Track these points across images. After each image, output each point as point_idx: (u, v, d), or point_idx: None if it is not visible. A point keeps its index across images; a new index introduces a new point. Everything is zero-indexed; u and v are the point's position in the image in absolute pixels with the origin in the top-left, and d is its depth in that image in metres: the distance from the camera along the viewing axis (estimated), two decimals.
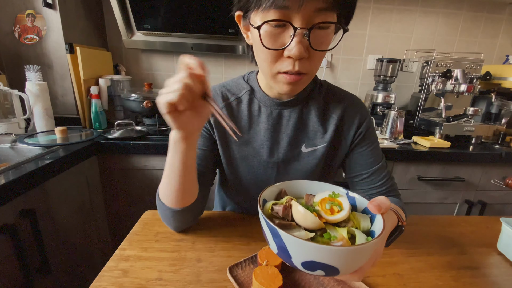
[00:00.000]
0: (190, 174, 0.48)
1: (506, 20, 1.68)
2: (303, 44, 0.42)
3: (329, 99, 0.61)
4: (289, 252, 0.30)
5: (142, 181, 1.18)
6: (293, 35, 0.41)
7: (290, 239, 0.29)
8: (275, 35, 0.43)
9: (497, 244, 0.58)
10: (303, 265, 0.30)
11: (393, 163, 1.22)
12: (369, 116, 0.62)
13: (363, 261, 0.32)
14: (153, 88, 1.36)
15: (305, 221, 0.33)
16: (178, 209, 0.51)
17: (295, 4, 0.39)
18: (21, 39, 1.21)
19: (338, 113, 0.60)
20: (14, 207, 0.74)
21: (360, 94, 1.78)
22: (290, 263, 0.32)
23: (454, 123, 1.32)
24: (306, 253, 0.29)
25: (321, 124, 0.60)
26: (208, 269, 0.47)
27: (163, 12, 1.33)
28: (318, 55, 0.46)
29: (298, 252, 0.29)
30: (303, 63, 0.45)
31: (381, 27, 1.65)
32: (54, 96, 1.28)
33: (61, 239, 0.93)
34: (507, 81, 1.40)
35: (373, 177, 0.60)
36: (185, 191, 0.50)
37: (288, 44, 0.43)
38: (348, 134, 0.60)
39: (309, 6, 0.39)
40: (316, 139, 0.60)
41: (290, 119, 0.59)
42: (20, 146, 1.00)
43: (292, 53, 0.42)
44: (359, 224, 0.36)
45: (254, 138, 0.61)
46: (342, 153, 0.63)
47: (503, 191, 1.32)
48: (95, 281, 0.43)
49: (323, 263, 0.29)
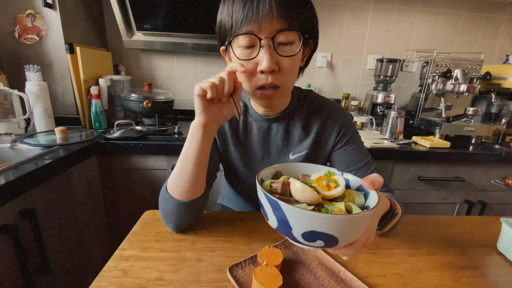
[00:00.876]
0: (203, 165, 0.53)
1: (506, 20, 1.68)
2: (271, 56, 0.49)
3: (311, 110, 0.67)
4: (289, 224, 0.31)
5: (142, 181, 1.18)
6: (260, 45, 0.49)
7: (291, 210, 0.30)
8: (248, 54, 0.51)
9: (497, 244, 0.58)
10: (304, 236, 0.31)
11: (393, 163, 1.22)
12: (349, 120, 0.67)
13: (360, 231, 0.34)
14: (153, 88, 1.36)
15: (304, 196, 0.34)
16: (184, 202, 0.52)
17: (256, 28, 0.47)
18: (21, 39, 1.21)
19: (318, 122, 0.66)
20: (14, 207, 0.74)
21: (360, 94, 1.78)
22: (290, 235, 0.33)
23: (454, 123, 1.32)
24: (307, 223, 0.30)
25: (304, 133, 0.67)
26: (208, 269, 0.47)
27: (163, 12, 1.33)
28: (289, 66, 0.52)
29: (299, 223, 0.30)
30: (275, 76, 0.51)
31: (381, 27, 1.65)
32: (54, 96, 1.28)
33: (61, 239, 0.93)
34: (507, 81, 1.40)
35: (361, 173, 0.65)
36: (196, 182, 0.53)
37: (257, 54, 0.50)
38: (329, 139, 0.67)
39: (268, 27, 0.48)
40: (301, 147, 0.67)
41: (278, 131, 0.66)
42: (20, 146, 1.00)
43: (263, 65, 0.49)
44: (354, 200, 0.37)
45: (249, 148, 0.69)
46: (324, 155, 0.69)
47: (503, 191, 1.32)
48: (95, 281, 0.43)
49: (324, 232, 0.30)
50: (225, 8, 0.51)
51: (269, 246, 0.49)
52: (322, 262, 0.49)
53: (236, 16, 0.48)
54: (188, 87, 1.69)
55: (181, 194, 0.53)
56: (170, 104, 1.38)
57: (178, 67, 1.64)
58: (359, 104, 1.70)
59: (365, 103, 1.64)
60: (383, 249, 0.55)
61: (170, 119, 1.49)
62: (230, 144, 0.68)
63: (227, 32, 0.51)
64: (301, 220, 0.30)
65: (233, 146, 0.68)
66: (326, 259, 0.49)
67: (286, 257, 0.50)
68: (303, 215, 0.29)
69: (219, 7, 0.53)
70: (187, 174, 0.51)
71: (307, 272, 0.47)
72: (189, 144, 0.51)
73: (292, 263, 0.49)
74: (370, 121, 1.46)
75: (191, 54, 1.61)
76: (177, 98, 1.61)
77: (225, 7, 0.51)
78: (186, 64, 1.64)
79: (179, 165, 0.52)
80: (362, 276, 0.47)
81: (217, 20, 0.54)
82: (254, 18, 0.47)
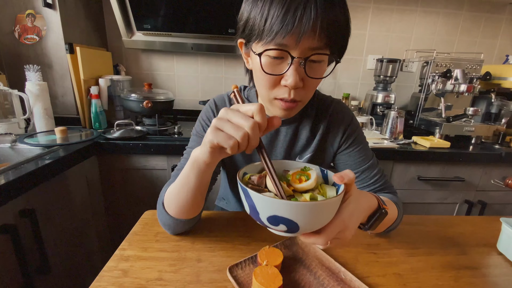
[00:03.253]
0: (202, 191, 0.49)
1: (506, 20, 1.68)
2: (299, 74, 0.46)
3: (318, 111, 0.65)
4: (257, 209, 0.35)
5: (142, 181, 1.18)
6: (290, 63, 0.45)
7: (257, 197, 0.34)
8: (274, 65, 0.47)
9: (497, 244, 0.58)
10: (268, 220, 0.35)
11: (393, 163, 1.22)
12: (354, 120, 0.65)
13: (322, 220, 0.36)
14: (153, 88, 1.36)
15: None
16: (182, 220, 0.52)
17: (293, 43, 0.43)
18: (21, 39, 1.21)
19: (324, 122, 0.64)
20: (14, 207, 0.74)
21: (360, 94, 1.78)
22: (258, 220, 0.37)
23: (454, 123, 1.32)
24: (270, 209, 0.34)
25: (312, 136, 0.64)
26: (208, 269, 0.47)
27: (163, 12, 1.33)
28: (312, 84, 0.50)
29: (263, 208, 0.34)
30: (298, 92, 0.49)
31: (381, 27, 1.65)
32: (54, 96, 1.28)
33: (61, 239, 0.93)
34: (507, 81, 1.40)
35: (365, 175, 0.63)
36: (194, 205, 0.50)
37: (286, 71, 0.46)
38: (334, 140, 0.65)
39: (305, 44, 0.43)
40: (307, 150, 0.65)
41: (287, 135, 0.64)
42: (20, 146, 1.00)
43: (289, 82, 0.46)
44: (326, 193, 0.39)
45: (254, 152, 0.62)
46: (329, 157, 0.67)
47: (503, 191, 1.32)
48: (95, 281, 0.43)
49: (284, 217, 0.34)
50: (259, 4, 0.44)
51: (269, 246, 0.49)
52: (322, 262, 0.49)
53: (271, 22, 0.42)
54: (188, 87, 1.69)
55: (178, 214, 0.51)
56: (170, 104, 1.38)
57: (178, 67, 1.64)
58: (359, 104, 1.70)
59: (365, 103, 1.64)
60: (383, 249, 0.55)
61: (170, 119, 1.49)
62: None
63: (255, 33, 0.45)
64: (265, 205, 0.34)
65: (239, 155, 0.65)
66: (326, 259, 0.49)
67: (286, 257, 0.50)
68: (266, 201, 0.34)
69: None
70: (186, 198, 0.48)
71: (307, 272, 0.47)
72: (189, 174, 0.45)
73: (292, 263, 0.49)
74: (370, 121, 1.46)
75: (191, 54, 1.61)
76: (177, 98, 1.61)
77: (259, 3, 0.44)
78: (186, 64, 1.64)
79: (177, 188, 0.48)
80: (362, 276, 0.47)
81: (243, 11, 0.48)
82: (293, 32, 0.41)
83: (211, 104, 0.66)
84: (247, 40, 0.49)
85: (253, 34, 0.46)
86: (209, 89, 1.70)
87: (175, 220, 0.52)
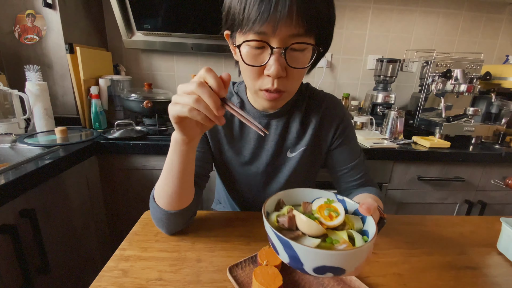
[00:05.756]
0: (188, 176, 0.50)
1: (506, 20, 1.68)
2: (281, 63, 0.46)
3: (309, 105, 0.65)
4: (301, 260, 0.33)
5: (142, 181, 1.18)
6: (271, 53, 0.45)
7: (303, 249, 0.32)
8: (255, 55, 0.47)
9: (497, 244, 0.58)
10: (315, 270, 0.34)
11: (393, 163, 1.22)
12: (346, 116, 0.66)
13: (363, 259, 0.35)
14: (153, 88, 1.36)
15: (310, 229, 0.37)
16: (172, 212, 0.51)
17: (270, 30, 0.43)
18: (21, 39, 1.21)
19: (317, 117, 0.64)
20: (14, 207, 0.74)
21: (360, 94, 1.78)
22: (301, 269, 0.35)
23: (454, 123, 1.32)
24: (318, 260, 0.32)
25: (303, 129, 0.64)
26: (208, 269, 0.47)
27: (163, 12, 1.33)
28: (296, 74, 0.49)
29: (310, 259, 0.33)
30: (281, 81, 0.48)
31: (381, 27, 1.65)
32: (54, 96, 1.28)
33: (61, 239, 0.93)
34: (507, 81, 1.40)
35: (353, 172, 0.66)
36: (182, 194, 0.51)
37: (267, 61, 0.46)
38: (327, 135, 0.65)
39: (284, 31, 0.43)
40: (299, 144, 0.65)
41: (277, 128, 0.63)
42: (20, 146, 1.00)
43: (271, 71, 0.46)
44: (353, 226, 0.39)
45: (245, 146, 0.65)
46: (322, 153, 0.67)
47: (503, 191, 1.32)
48: (95, 281, 0.43)
49: (333, 266, 0.32)
50: None
51: (269, 246, 0.49)
52: None
53: (248, 11, 0.42)
54: None
55: (168, 204, 0.51)
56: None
57: (178, 67, 1.64)
58: (359, 104, 1.70)
59: (365, 103, 1.64)
60: (383, 249, 0.55)
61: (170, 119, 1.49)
62: (224, 143, 0.65)
63: (236, 23, 0.46)
64: (313, 257, 0.33)
65: (227, 145, 0.65)
66: None
67: None
68: (314, 253, 0.32)
69: None
70: (172, 186, 0.49)
71: None
72: (173, 158, 0.47)
73: None
74: (370, 121, 1.46)
75: (191, 54, 1.61)
76: None
77: None
78: (186, 64, 1.64)
79: (164, 177, 0.49)
80: (362, 276, 0.47)
81: (225, 1, 0.48)
82: (270, 19, 0.41)
83: None
84: (231, 31, 0.50)
85: (234, 24, 0.46)
86: None
87: (166, 213, 0.51)
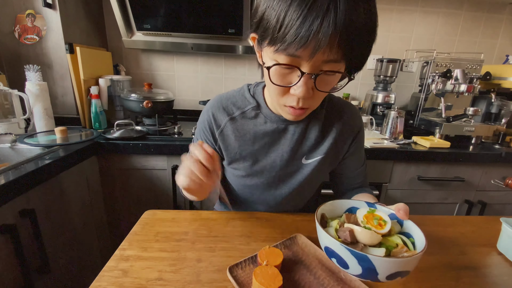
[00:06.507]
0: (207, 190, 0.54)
1: (506, 20, 1.68)
2: (308, 86, 0.45)
3: (329, 113, 0.63)
4: (377, 270, 0.36)
5: (142, 181, 1.18)
6: (300, 76, 0.44)
7: (381, 261, 0.36)
8: (284, 74, 0.46)
9: (497, 244, 0.58)
10: (388, 277, 0.37)
11: (393, 163, 1.22)
12: (362, 126, 0.67)
13: None
14: (153, 88, 1.36)
15: (371, 240, 0.41)
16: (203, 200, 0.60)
17: (306, 55, 0.40)
18: (21, 39, 1.21)
19: (337, 126, 0.63)
20: (14, 207, 0.74)
21: (360, 94, 1.78)
22: (373, 279, 0.38)
23: (454, 123, 1.32)
24: (395, 268, 0.36)
25: (321, 137, 0.63)
26: (208, 269, 0.47)
27: (163, 12, 1.33)
28: (322, 94, 0.49)
29: (386, 268, 0.36)
30: (307, 100, 0.48)
31: (381, 27, 1.64)
32: (54, 96, 1.28)
33: (61, 239, 0.93)
34: (507, 81, 1.40)
35: (357, 176, 0.70)
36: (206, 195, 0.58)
37: (295, 83, 0.45)
38: (345, 144, 0.65)
39: (319, 58, 0.41)
40: (315, 151, 0.63)
41: (295, 134, 0.62)
42: (20, 146, 1.00)
43: (297, 93, 0.45)
44: (394, 230, 0.44)
45: (259, 151, 0.63)
46: (336, 161, 0.68)
47: (503, 191, 1.32)
48: (95, 281, 0.43)
49: (404, 270, 0.37)
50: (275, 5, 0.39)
51: (269, 246, 0.49)
52: (322, 262, 0.49)
53: (285, 32, 0.38)
54: (188, 87, 1.69)
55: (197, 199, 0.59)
56: (170, 104, 1.38)
57: (178, 67, 1.64)
58: (359, 104, 1.70)
59: (365, 103, 1.64)
60: None
61: (170, 119, 1.49)
62: (236, 147, 0.63)
63: (268, 36, 0.42)
64: (390, 266, 0.36)
65: (239, 149, 0.63)
66: (326, 259, 0.49)
67: (286, 257, 0.49)
68: (392, 262, 0.36)
69: None
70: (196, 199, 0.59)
71: (307, 272, 0.47)
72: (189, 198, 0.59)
73: (292, 263, 0.49)
74: (370, 121, 1.46)
75: (191, 54, 1.61)
76: (177, 98, 1.61)
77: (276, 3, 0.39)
78: (186, 64, 1.64)
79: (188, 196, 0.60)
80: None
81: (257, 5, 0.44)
82: (307, 46, 0.38)
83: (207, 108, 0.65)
84: (260, 39, 0.46)
85: (265, 37, 0.43)
86: (209, 89, 1.70)
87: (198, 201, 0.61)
